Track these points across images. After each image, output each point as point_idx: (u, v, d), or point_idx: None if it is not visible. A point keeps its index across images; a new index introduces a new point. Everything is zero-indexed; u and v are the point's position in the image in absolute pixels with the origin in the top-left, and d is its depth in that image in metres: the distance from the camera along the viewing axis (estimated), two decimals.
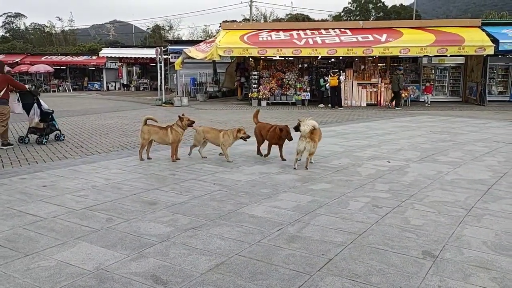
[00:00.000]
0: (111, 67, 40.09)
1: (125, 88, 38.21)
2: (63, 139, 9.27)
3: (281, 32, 20.74)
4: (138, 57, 38.29)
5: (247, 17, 67.42)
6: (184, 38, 67.83)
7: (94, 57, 39.21)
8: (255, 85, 20.32)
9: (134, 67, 40.74)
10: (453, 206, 4.68)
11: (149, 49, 39.72)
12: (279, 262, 3.25)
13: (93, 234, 3.74)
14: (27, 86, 10.59)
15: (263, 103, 19.92)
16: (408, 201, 4.86)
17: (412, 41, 18.75)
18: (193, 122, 7.10)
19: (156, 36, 73.93)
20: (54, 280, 2.91)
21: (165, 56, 24.74)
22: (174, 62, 25.17)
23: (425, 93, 20.82)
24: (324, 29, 20.87)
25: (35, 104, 8.77)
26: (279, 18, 69.05)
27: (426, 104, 19.83)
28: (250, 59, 23.05)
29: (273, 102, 20.12)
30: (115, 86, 39.34)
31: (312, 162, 6.81)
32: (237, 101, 22.64)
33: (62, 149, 8.26)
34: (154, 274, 3.03)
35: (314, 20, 61.17)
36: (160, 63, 22.28)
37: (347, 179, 5.85)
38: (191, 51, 21.43)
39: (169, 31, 75.43)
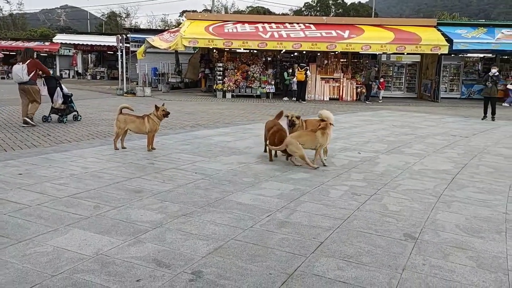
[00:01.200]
0: (65, 54, 38.53)
1: (80, 77, 36.90)
2: (80, 119, 10.39)
3: (246, 25, 20.81)
4: (95, 45, 37.08)
5: (208, 8, 66.86)
6: (142, 27, 66.29)
7: (47, 43, 37.48)
8: (220, 77, 20.29)
9: (90, 54, 39.35)
10: (424, 194, 5.01)
11: (106, 36, 38.56)
12: (274, 245, 3.40)
13: (84, 221, 3.72)
14: None
15: (228, 95, 19.96)
16: (383, 189, 5.15)
17: (373, 38, 19.39)
18: (169, 113, 7.07)
19: (112, 24, 71.70)
20: (54, 265, 2.90)
21: (126, 45, 24.14)
22: (135, 51, 24.66)
23: (379, 89, 21.45)
24: (289, 23, 21.15)
25: (58, 88, 9.86)
26: (240, 10, 68.95)
27: (380, 100, 20.34)
28: (214, 50, 22.98)
29: (237, 95, 20.20)
30: (69, 74, 37.79)
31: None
32: (201, 93, 22.52)
33: (29, 137, 7.97)
34: (155, 258, 3.08)
35: (275, 14, 61.64)
36: (121, 51, 21.75)
37: (323, 169, 6.08)
38: (155, 40, 21.07)
39: (125, 19, 73.39)
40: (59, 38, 37.12)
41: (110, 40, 35.34)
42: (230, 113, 13.50)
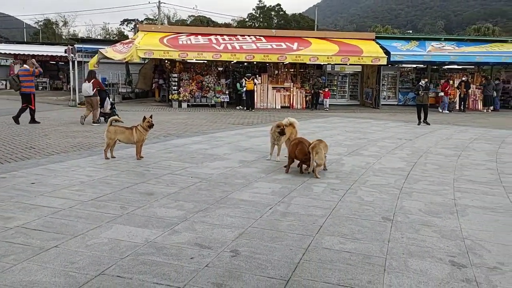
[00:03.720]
0: (2, 64, 36.89)
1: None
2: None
3: (199, 37, 21.48)
4: (36, 55, 35.81)
5: (150, 17, 66.46)
6: (81, 35, 64.43)
7: None
8: (175, 87, 20.78)
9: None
10: (388, 187, 6.05)
11: (49, 46, 37.37)
12: (285, 229, 4.21)
13: (119, 219, 4.32)
14: None
15: (184, 104, 20.49)
16: (355, 185, 6.13)
17: (319, 50, 20.82)
18: (153, 124, 7.64)
19: (48, 32, 69.04)
20: (118, 251, 3.52)
21: (71, 55, 23.82)
22: (81, 62, 24.41)
23: (324, 98, 22.66)
24: (241, 35, 22.09)
25: (107, 98, 13.33)
26: (182, 19, 69.20)
27: (326, 108, 21.45)
28: (166, 61, 23.40)
29: (193, 104, 20.77)
30: (5, 85, 36.14)
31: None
32: (156, 103, 22.83)
33: (13, 150, 8.17)
34: (196, 242, 3.79)
35: (217, 23, 62.60)
36: (73, 62, 21.60)
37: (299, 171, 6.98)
38: (108, 51, 21.09)
39: (62, 27, 70.95)
40: None
41: (52, 50, 34.39)
42: (193, 122, 14.12)
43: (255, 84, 20.11)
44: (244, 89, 19.90)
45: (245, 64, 25.08)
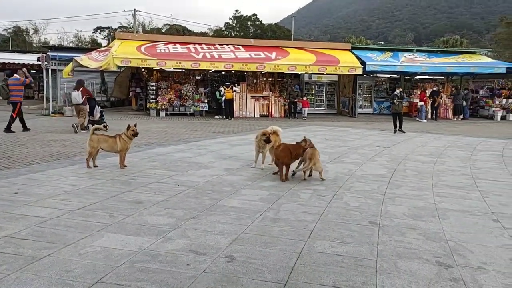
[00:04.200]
0: None
1: None
2: (107, 129, 11.77)
3: (178, 45, 21.47)
4: (7, 62, 34.92)
5: (124, 25, 65.90)
6: (52, 43, 63.27)
7: None
8: (153, 96, 20.65)
9: None
10: (372, 193, 6.21)
11: (20, 54, 36.55)
12: (277, 235, 4.28)
13: (110, 227, 4.29)
14: None
15: (162, 113, 20.37)
16: (340, 191, 6.27)
17: (297, 60, 21.13)
18: (137, 133, 7.63)
19: (18, 40, 67.44)
20: (113, 259, 3.51)
21: (40, 62, 23.37)
22: (56, 70, 23.97)
23: (303, 107, 22.71)
24: (219, 44, 22.20)
25: (96, 106, 13.85)
26: (157, 27, 68.88)
27: (304, 117, 21.58)
28: (143, 69, 23.24)
29: (171, 113, 20.67)
30: None
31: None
32: (133, 111, 22.60)
33: None
34: (190, 249, 3.81)
35: (193, 32, 62.59)
36: (46, 70, 21.22)
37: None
38: (83, 59, 20.80)
39: (33, 35, 69.47)
40: None
41: (23, 58, 33.62)
42: (173, 131, 14.06)
43: (234, 92, 20.22)
44: (223, 98, 19.96)
45: (223, 73, 25.17)
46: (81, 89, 13.21)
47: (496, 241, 4.32)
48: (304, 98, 22.58)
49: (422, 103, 21.84)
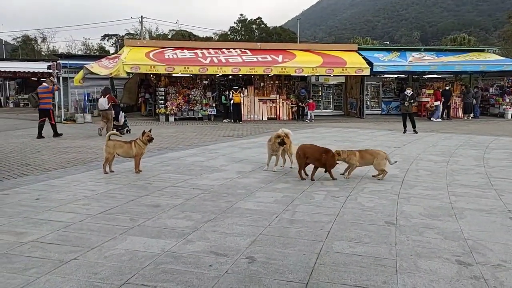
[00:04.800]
0: None
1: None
2: (130, 132, 14.53)
3: (185, 51, 21.63)
4: (18, 71, 35.40)
5: (131, 32, 66.49)
6: (61, 51, 64.03)
7: None
8: (162, 101, 20.82)
9: (10, 81, 37.34)
10: (386, 193, 6.25)
11: (30, 62, 37.00)
12: (294, 236, 4.34)
13: (132, 230, 4.38)
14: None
15: (171, 118, 20.53)
16: (353, 192, 6.31)
17: (304, 62, 21.19)
18: (152, 138, 7.74)
19: (27, 48, 68.26)
20: (137, 261, 3.59)
21: (51, 71, 23.63)
22: (67, 78, 24.27)
23: (309, 110, 21.87)
24: (226, 48, 22.34)
25: (121, 112, 14.99)
26: (164, 33, 69.39)
27: (307, 120, 21.10)
28: (152, 75, 23.42)
29: (180, 118, 20.82)
30: None
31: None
32: (142, 117, 22.80)
33: (9, 167, 8.11)
34: (211, 250, 3.88)
35: (199, 37, 62.97)
36: (58, 78, 21.44)
37: (298, 179, 7.13)
38: (93, 66, 21.05)
39: (41, 43, 70.26)
40: None
41: (33, 66, 34.09)
42: (183, 135, 14.18)
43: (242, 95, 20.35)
44: (232, 101, 20.07)
45: (230, 77, 25.30)
46: (107, 96, 13.95)
47: None
48: (310, 101, 22.29)
49: (438, 102, 21.68)
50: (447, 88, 22.59)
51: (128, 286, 3.15)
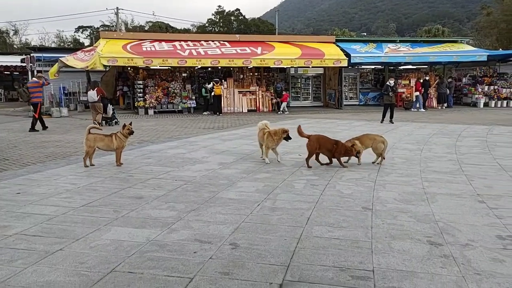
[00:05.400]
0: None
1: None
2: (118, 124, 15.05)
3: (163, 43, 21.47)
4: None
5: (106, 23, 65.32)
6: (34, 43, 62.44)
7: None
8: (140, 94, 20.67)
9: None
10: (363, 180, 6.46)
11: (2, 56, 35.99)
12: (276, 223, 4.49)
13: (116, 221, 4.45)
14: None
15: (150, 111, 20.41)
16: (332, 180, 6.51)
17: (283, 54, 21.31)
18: (133, 131, 7.76)
19: None
20: (123, 250, 3.68)
21: (24, 64, 23.14)
22: (41, 71, 23.77)
23: (282, 101, 21.42)
24: (205, 40, 22.27)
25: (109, 104, 15.73)
26: (140, 25, 68.40)
27: (279, 112, 20.88)
28: (129, 68, 23.19)
29: (159, 111, 20.72)
30: None
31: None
32: (121, 110, 22.55)
33: None
34: (195, 238, 4.00)
35: (176, 29, 62.33)
36: (32, 72, 21.04)
37: (279, 169, 7.30)
38: (69, 59, 20.70)
39: (13, 36, 68.35)
40: None
41: (6, 60, 33.18)
42: (164, 128, 14.17)
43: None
44: (213, 93, 20.07)
45: (209, 69, 25.25)
46: (96, 88, 14.82)
47: (482, 220, 4.59)
48: (284, 93, 21.93)
49: (417, 93, 22.07)
50: (426, 78, 23.07)
51: (115, 274, 3.24)
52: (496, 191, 5.78)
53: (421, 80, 22.71)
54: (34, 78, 14.68)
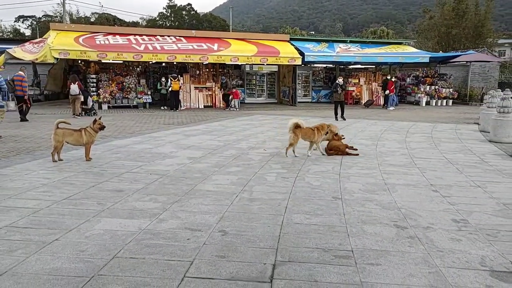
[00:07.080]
0: None
1: None
2: (95, 114, 16.22)
3: (118, 36, 21.10)
4: None
5: (49, 13, 62.40)
6: None
7: None
8: (93, 89, 20.18)
9: None
10: (329, 173, 6.95)
11: None
12: (257, 212, 4.83)
13: (103, 213, 4.59)
14: None
15: (104, 106, 20.00)
16: (300, 173, 6.93)
17: (239, 51, 21.65)
18: (104, 126, 7.78)
19: None
20: (119, 238, 3.86)
21: None
22: None
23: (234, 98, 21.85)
24: (160, 35, 22.09)
25: (89, 96, 17.35)
26: (86, 16, 65.90)
27: (231, 108, 21.23)
28: (80, 61, 22.54)
29: (114, 106, 20.36)
30: None
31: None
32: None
33: None
34: (185, 227, 4.24)
35: (124, 22, 60.69)
36: None
37: (248, 163, 7.63)
38: (16, 51, 19.78)
39: None
40: None
41: None
42: (123, 124, 14.04)
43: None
44: (170, 89, 19.99)
45: (164, 64, 25.05)
46: (77, 82, 16.23)
47: (438, 206, 5.19)
48: (234, 90, 22.25)
49: (388, 91, 22.98)
50: (388, 77, 24.13)
51: (118, 259, 3.43)
52: (447, 182, 6.46)
53: (393, 79, 23.76)
54: (20, 72, 15.10)
